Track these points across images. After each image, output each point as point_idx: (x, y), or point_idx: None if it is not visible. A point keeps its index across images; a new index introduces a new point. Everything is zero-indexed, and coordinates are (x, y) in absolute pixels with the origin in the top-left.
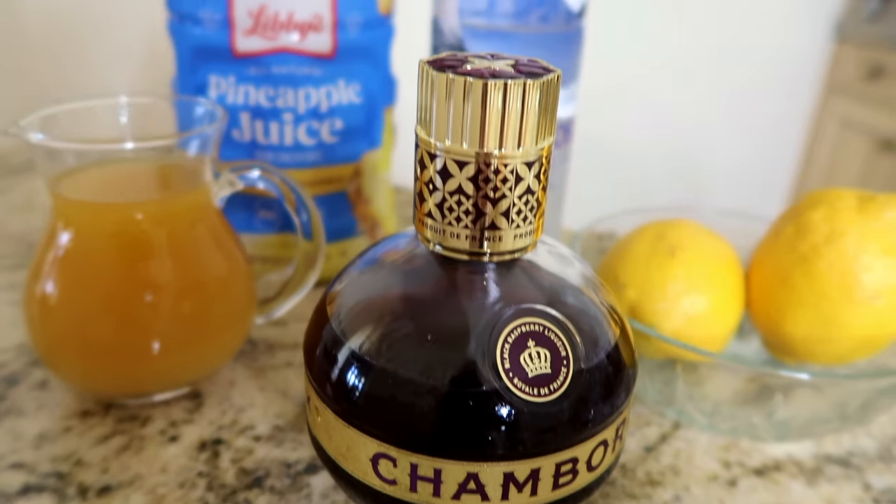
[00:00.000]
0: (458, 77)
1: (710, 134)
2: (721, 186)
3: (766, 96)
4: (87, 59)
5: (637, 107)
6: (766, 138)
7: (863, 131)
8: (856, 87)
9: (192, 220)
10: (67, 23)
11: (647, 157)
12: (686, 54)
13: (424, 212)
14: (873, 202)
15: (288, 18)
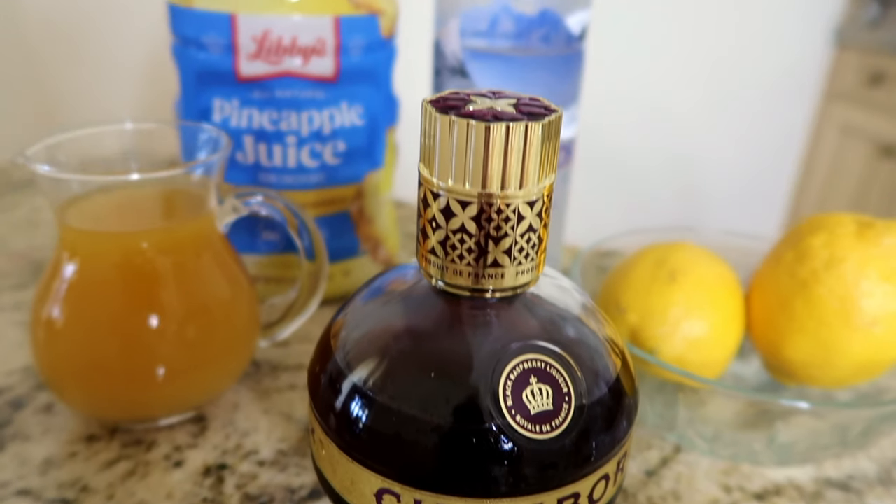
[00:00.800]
0: (461, 119)
1: (711, 140)
2: (722, 193)
3: (766, 102)
4: (90, 67)
5: (637, 112)
6: (766, 144)
7: (863, 137)
8: (856, 94)
9: (196, 247)
10: (71, 34)
11: (647, 163)
12: (686, 61)
13: (427, 248)
14: (872, 229)
15: (291, 43)
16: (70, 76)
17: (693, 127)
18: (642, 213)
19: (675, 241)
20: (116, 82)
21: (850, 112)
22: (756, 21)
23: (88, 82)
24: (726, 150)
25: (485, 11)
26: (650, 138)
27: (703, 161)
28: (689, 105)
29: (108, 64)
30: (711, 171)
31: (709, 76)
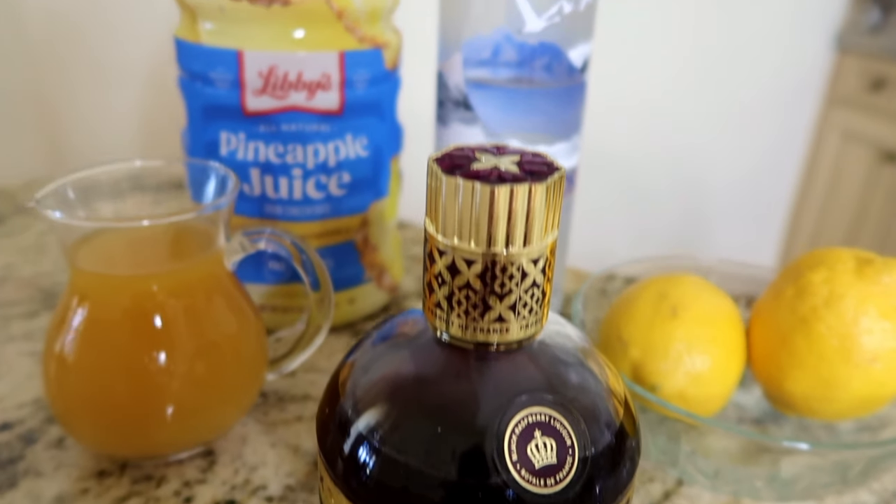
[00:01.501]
0: (467, 182)
1: (713, 145)
2: (724, 198)
3: (767, 108)
4: (93, 74)
5: (638, 118)
6: (768, 150)
7: (865, 143)
8: (857, 99)
9: (205, 287)
10: (74, 40)
11: (648, 169)
12: (687, 66)
13: (434, 302)
14: (871, 266)
15: (297, 78)
16: (73, 83)
17: (694, 133)
18: (644, 218)
19: (676, 274)
20: (120, 90)
21: (851, 117)
22: (757, 26)
23: (91, 89)
24: (728, 155)
25: (487, 40)
26: (651, 144)
27: (706, 165)
28: (691, 111)
29: (112, 71)
30: (714, 176)
31: (710, 81)
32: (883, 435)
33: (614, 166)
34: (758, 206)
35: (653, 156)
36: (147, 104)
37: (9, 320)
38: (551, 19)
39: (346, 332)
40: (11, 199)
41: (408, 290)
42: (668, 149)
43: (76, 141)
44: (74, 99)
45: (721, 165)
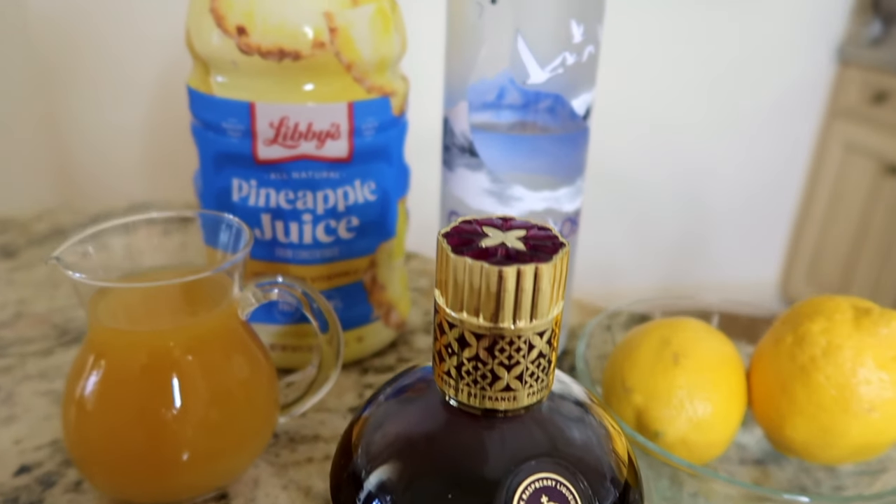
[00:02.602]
0: (475, 262)
1: (716, 157)
2: (727, 209)
3: (770, 120)
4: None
5: (642, 132)
6: (771, 161)
7: (867, 155)
8: (859, 111)
9: (220, 338)
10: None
11: (652, 180)
12: (689, 79)
13: (444, 370)
14: (868, 317)
15: (307, 129)
16: (81, 111)
17: (697, 145)
18: (647, 229)
19: (677, 318)
20: (127, 101)
21: (853, 130)
22: (759, 39)
23: (99, 115)
24: (731, 166)
25: (492, 83)
26: (654, 156)
27: (709, 177)
28: (694, 124)
29: (120, 84)
30: (717, 188)
31: (714, 94)
32: (883, 478)
33: (617, 178)
34: (761, 217)
35: (656, 167)
36: (155, 128)
37: (24, 358)
38: (554, 71)
39: (354, 370)
40: (24, 230)
41: (414, 324)
42: (671, 160)
43: (85, 168)
44: (82, 127)
45: (724, 176)
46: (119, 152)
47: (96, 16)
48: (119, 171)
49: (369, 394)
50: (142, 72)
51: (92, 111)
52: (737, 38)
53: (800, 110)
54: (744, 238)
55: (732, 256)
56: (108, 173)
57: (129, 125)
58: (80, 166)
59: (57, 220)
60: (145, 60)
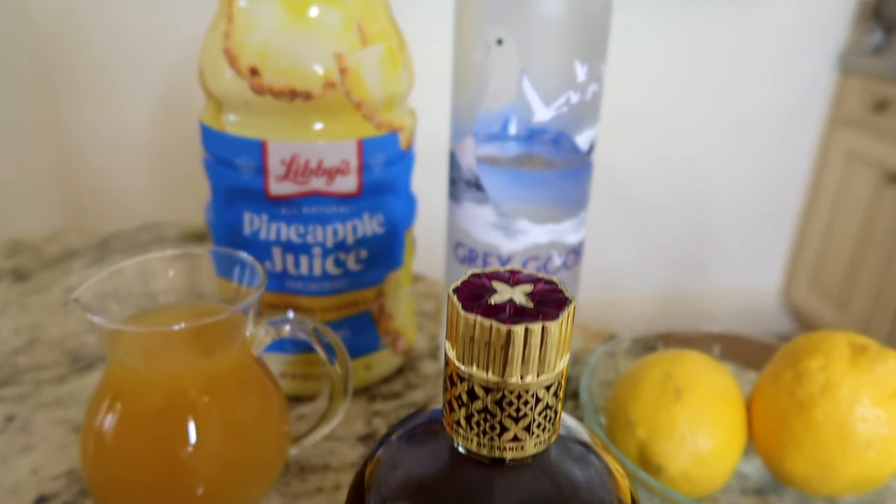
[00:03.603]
0: (485, 320)
1: (718, 166)
2: (729, 218)
3: (773, 128)
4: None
5: (644, 140)
6: (773, 169)
7: (869, 164)
8: (861, 120)
9: (234, 375)
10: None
11: (654, 188)
12: (692, 89)
13: (454, 419)
14: (865, 355)
15: (317, 165)
16: (88, 115)
17: (700, 153)
18: (650, 238)
19: (679, 351)
20: (135, 120)
21: (855, 138)
22: (761, 47)
23: (107, 124)
24: (734, 174)
25: (497, 114)
26: (657, 164)
27: (711, 186)
28: (696, 133)
29: (128, 104)
30: (719, 197)
31: (715, 102)
32: None
33: (620, 185)
34: (763, 224)
35: (658, 176)
36: (163, 146)
37: (40, 385)
38: (559, 109)
39: (362, 397)
40: (35, 253)
41: (421, 349)
42: (673, 168)
43: (94, 187)
44: (90, 146)
45: (726, 184)
46: (127, 171)
47: (104, 36)
48: (128, 189)
49: (377, 422)
50: (149, 92)
51: (99, 129)
52: (738, 47)
53: (801, 119)
54: (746, 246)
55: (735, 264)
56: (117, 192)
57: (138, 144)
58: (89, 185)
59: (67, 242)
60: (153, 81)
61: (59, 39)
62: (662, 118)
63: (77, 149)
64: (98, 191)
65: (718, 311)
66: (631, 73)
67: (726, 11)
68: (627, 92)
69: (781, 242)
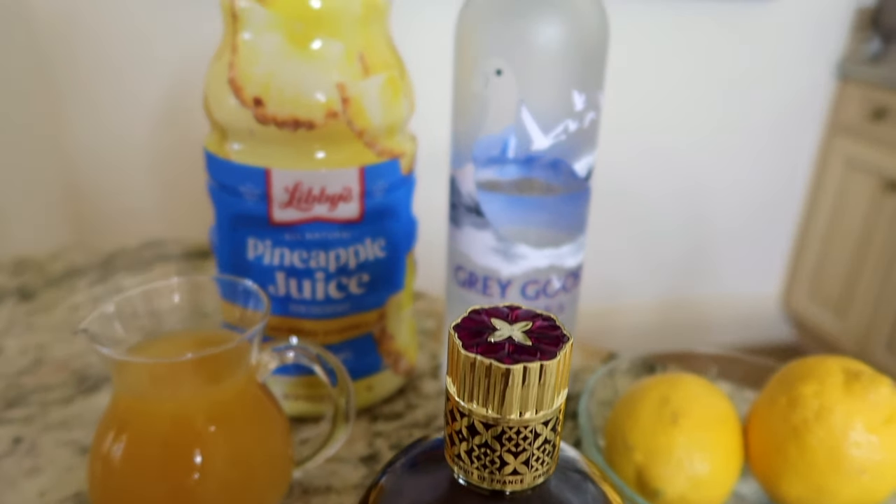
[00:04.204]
0: (484, 359)
1: (718, 173)
2: (729, 224)
3: (772, 135)
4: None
5: (644, 147)
6: (772, 177)
7: (868, 171)
8: (859, 127)
9: (240, 403)
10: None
11: (654, 196)
12: (691, 96)
13: (454, 453)
14: (858, 382)
15: (320, 193)
16: (92, 131)
17: (700, 160)
18: (650, 246)
19: (676, 375)
20: (137, 125)
21: (854, 146)
22: (760, 55)
23: (110, 140)
24: (733, 182)
25: (496, 138)
26: (658, 170)
27: (711, 193)
28: (696, 139)
29: (132, 120)
30: (719, 203)
31: (715, 109)
32: None
33: (620, 192)
34: (763, 231)
35: (658, 182)
36: (167, 162)
37: (46, 407)
38: (557, 137)
39: (364, 417)
40: (40, 270)
41: (422, 368)
42: (673, 175)
43: (97, 203)
44: (94, 162)
45: (726, 192)
46: (130, 185)
47: (107, 52)
48: (131, 205)
49: (379, 443)
50: (154, 109)
51: (102, 143)
52: (737, 55)
53: (800, 126)
54: (746, 253)
55: (735, 271)
56: (120, 208)
57: (141, 158)
58: (92, 199)
59: (72, 260)
60: (158, 98)
61: (63, 56)
62: (662, 125)
63: (80, 163)
64: (101, 204)
65: (718, 319)
66: (630, 80)
67: (725, 19)
68: (627, 99)
69: (781, 249)
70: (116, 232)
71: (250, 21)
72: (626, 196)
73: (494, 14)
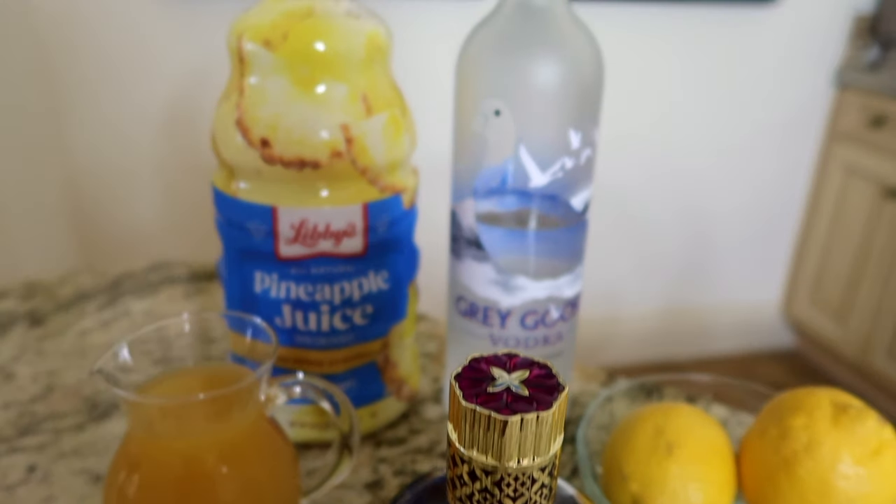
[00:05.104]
0: (483, 410)
1: (718, 181)
2: (730, 232)
3: (771, 143)
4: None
5: (644, 156)
6: (772, 184)
7: (867, 178)
8: (858, 135)
9: (250, 439)
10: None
11: (654, 204)
12: (691, 105)
13: (457, 496)
14: (846, 415)
15: (325, 229)
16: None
17: (700, 168)
18: (650, 253)
19: (670, 405)
20: (145, 158)
21: (853, 153)
22: (759, 63)
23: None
24: (733, 190)
25: (497, 169)
26: (658, 179)
27: (711, 202)
28: (696, 147)
29: (138, 143)
30: (719, 212)
31: (714, 118)
32: None
33: (620, 201)
34: (763, 239)
35: (658, 192)
36: (172, 185)
37: (59, 434)
38: (554, 175)
39: (368, 443)
40: (50, 295)
41: (424, 393)
42: (674, 184)
43: (104, 225)
44: (100, 185)
45: (726, 200)
46: (137, 209)
47: (113, 71)
48: (137, 228)
49: (383, 469)
50: (159, 131)
51: (107, 155)
52: (736, 64)
53: (800, 134)
54: (746, 260)
55: (735, 279)
56: (127, 230)
57: (147, 176)
58: (99, 224)
59: (80, 284)
60: (164, 121)
61: (69, 74)
62: (662, 134)
63: (86, 181)
64: (108, 229)
65: (720, 326)
66: (631, 89)
67: (725, 28)
68: (627, 108)
69: (781, 257)
70: (123, 251)
71: (257, 64)
72: (627, 204)
73: (493, 56)
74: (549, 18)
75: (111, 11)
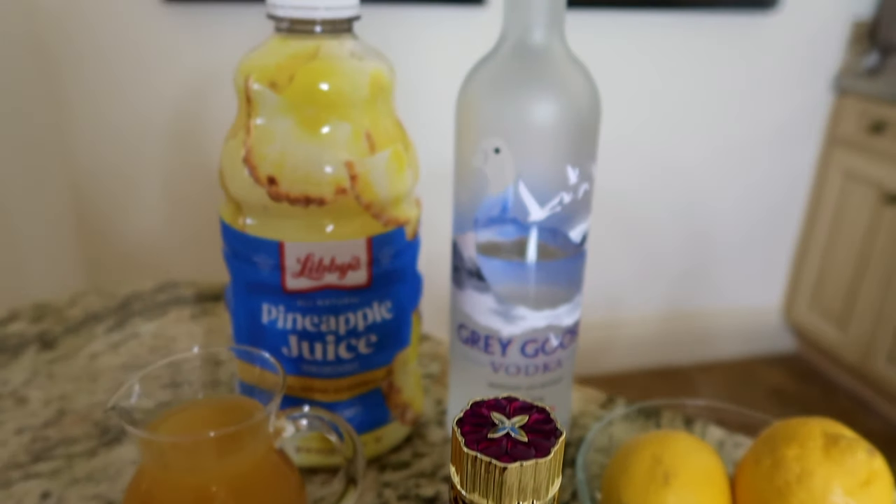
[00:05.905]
0: (483, 457)
1: (718, 186)
2: (730, 237)
3: (770, 148)
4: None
5: (645, 162)
6: (772, 190)
7: (867, 184)
8: (858, 140)
9: (259, 469)
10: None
11: (655, 209)
12: (691, 111)
13: None
14: (837, 446)
15: (330, 262)
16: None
17: (700, 174)
18: (652, 257)
19: (667, 433)
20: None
21: (852, 159)
22: (759, 69)
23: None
24: (733, 195)
25: (497, 198)
26: (658, 184)
27: (711, 207)
28: (696, 153)
29: (144, 161)
30: (719, 217)
31: (714, 124)
32: None
33: (621, 206)
34: (763, 244)
35: (658, 197)
36: (178, 203)
37: (71, 460)
38: (553, 209)
39: (372, 467)
40: (59, 317)
41: (427, 416)
42: (674, 189)
43: (111, 245)
44: (107, 203)
45: (726, 205)
46: (141, 217)
47: (119, 88)
48: (144, 247)
49: (388, 493)
50: (165, 139)
51: (115, 176)
52: (736, 70)
53: (799, 140)
54: (747, 265)
55: (736, 284)
56: (134, 250)
57: (153, 195)
58: (104, 235)
59: (89, 305)
60: (169, 130)
61: (73, 85)
62: (662, 139)
63: (91, 190)
64: (115, 249)
65: (721, 331)
66: (631, 93)
67: (725, 34)
68: (628, 114)
69: (782, 261)
70: (129, 270)
71: (263, 105)
72: (628, 209)
73: (492, 94)
74: (546, 58)
75: (116, 19)
